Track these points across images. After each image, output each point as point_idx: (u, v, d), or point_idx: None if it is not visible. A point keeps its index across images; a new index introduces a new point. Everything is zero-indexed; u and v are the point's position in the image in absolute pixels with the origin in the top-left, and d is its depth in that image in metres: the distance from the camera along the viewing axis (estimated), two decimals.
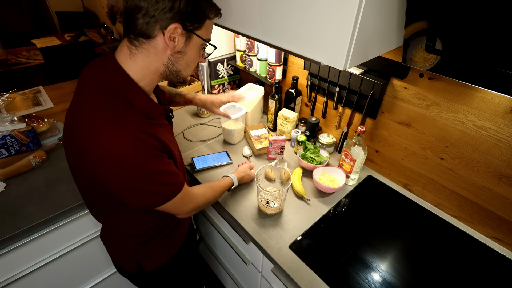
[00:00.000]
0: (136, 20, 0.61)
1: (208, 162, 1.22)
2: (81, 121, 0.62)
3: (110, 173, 0.61)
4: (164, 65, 0.68)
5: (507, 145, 0.83)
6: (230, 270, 1.34)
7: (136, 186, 0.64)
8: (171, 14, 0.61)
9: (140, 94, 0.67)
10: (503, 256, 0.91)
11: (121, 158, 0.59)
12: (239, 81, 1.72)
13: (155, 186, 0.66)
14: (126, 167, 0.60)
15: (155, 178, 0.65)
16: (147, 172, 0.63)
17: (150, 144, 0.63)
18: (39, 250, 1.03)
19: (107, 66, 0.66)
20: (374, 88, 1.04)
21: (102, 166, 0.60)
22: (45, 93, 1.67)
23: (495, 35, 0.54)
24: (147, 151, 0.62)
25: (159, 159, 0.66)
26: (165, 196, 0.70)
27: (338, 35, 0.60)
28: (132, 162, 0.60)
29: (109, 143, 0.58)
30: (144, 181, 0.64)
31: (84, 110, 0.63)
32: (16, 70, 2.67)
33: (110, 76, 0.65)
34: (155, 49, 0.65)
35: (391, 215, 1.05)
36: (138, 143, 0.60)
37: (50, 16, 3.85)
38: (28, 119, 1.21)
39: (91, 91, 0.65)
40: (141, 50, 0.65)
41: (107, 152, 0.58)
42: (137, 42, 0.64)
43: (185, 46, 0.67)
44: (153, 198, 0.68)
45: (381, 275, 0.84)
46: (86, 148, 0.60)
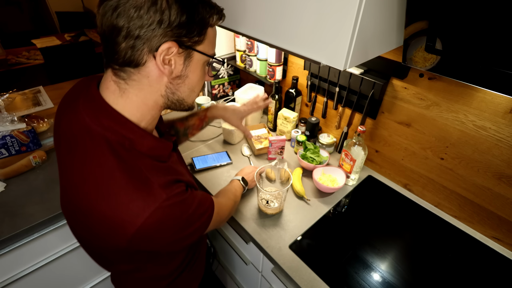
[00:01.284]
0: (117, 46, 0.47)
1: (208, 162, 1.21)
2: (95, 191, 0.49)
3: (151, 241, 0.52)
4: (163, 96, 0.55)
5: (507, 145, 0.83)
6: (230, 270, 1.34)
7: (180, 236, 0.55)
8: (160, 31, 0.47)
9: (147, 139, 0.55)
10: (503, 256, 0.91)
11: (162, 223, 0.50)
12: (239, 81, 1.73)
13: (195, 224, 0.58)
14: (169, 227, 0.52)
15: (193, 219, 0.57)
16: (186, 220, 0.55)
17: (178, 193, 0.54)
18: (39, 250, 1.03)
19: (97, 112, 0.52)
20: (374, 88, 1.04)
21: (142, 239, 0.50)
22: (45, 93, 1.66)
23: (495, 35, 0.54)
24: (180, 202, 0.53)
25: (190, 199, 0.56)
26: (205, 224, 0.61)
27: (338, 35, 0.60)
28: (172, 221, 0.52)
29: (145, 214, 0.48)
30: (186, 228, 0.55)
31: (96, 177, 0.50)
32: (16, 70, 2.67)
33: (105, 126, 0.51)
34: (148, 78, 0.51)
35: (391, 215, 1.05)
36: (171, 200, 0.51)
37: (50, 16, 3.84)
38: (28, 119, 1.21)
39: (92, 150, 0.51)
40: (131, 84, 0.51)
41: (146, 224, 0.48)
42: (124, 73, 0.50)
43: (185, 68, 0.54)
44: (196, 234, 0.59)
45: (381, 275, 0.84)
46: (115, 225, 0.49)
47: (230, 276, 1.35)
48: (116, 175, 0.49)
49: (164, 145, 0.59)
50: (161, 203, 0.49)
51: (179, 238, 0.55)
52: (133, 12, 0.45)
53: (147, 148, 0.54)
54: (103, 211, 0.49)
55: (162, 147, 0.58)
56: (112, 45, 0.48)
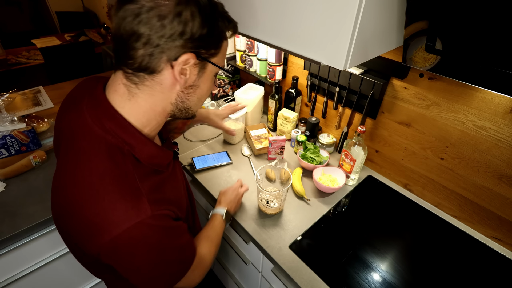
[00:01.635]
0: (134, 51, 0.47)
1: (208, 162, 1.21)
2: (82, 194, 0.48)
3: (120, 259, 0.50)
4: (172, 104, 0.55)
5: (507, 145, 0.83)
6: (230, 270, 1.34)
7: (148, 270, 0.53)
8: (181, 42, 0.47)
9: (148, 147, 0.54)
10: (503, 256, 0.91)
11: (135, 243, 0.48)
12: (239, 81, 1.73)
13: (168, 267, 0.56)
14: (140, 252, 0.50)
15: (170, 257, 0.55)
16: (162, 252, 0.53)
17: (165, 216, 0.53)
18: (39, 250, 1.03)
19: (101, 114, 0.52)
20: (374, 88, 1.04)
21: (113, 251, 0.48)
22: (45, 93, 1.66)
23: (495, 35, 0.54)
24: (164, 228, 0.52)
25: (174, 232, 0.55)
26: (177, 275, 0.59)
27: (338, 35, 0.60)
28: (146, 246, 0.50)
29: (123, 226, 0.46)
30: (158, 264, 0.53)
31: (85, 180, 0.49)
32: (16, 70, 2.67)
33: (107, 129, 0.51)
34: (161, 86, 0.51)
35: (391, 215, 1.05)
36: (156, 220, 0.50)
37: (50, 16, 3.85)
38: (28, 119, 1.21)
39: (85, 150, 0.50)
40: (143, 89, 0.51)
41: (120, 237, 0.47)
42: (137, 78, 0.50)
43: (198, 78, 0.54)
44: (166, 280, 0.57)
45: (381, 275, 0.84)
46: (93, 231, 0.48)
47: (230, 276, 1.35)
48: (106, 180, 0.48)
49: (164, 153, 0.58)
50: (144, 219, 0.48)
51: (145, 271, 0.52)
52: (155, 20, 0.45)
53: (146, 156, 0.54)
54: (85, 214, 0.48)
55: (162, 156, 0.58)
56: (128, 49, 0.47)
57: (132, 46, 0.47)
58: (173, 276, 0.58)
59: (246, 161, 1.25)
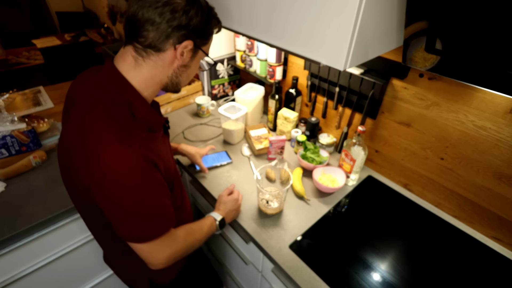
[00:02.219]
0: (147, 32, 0.59)
1: (208, 162, 1.21)
2: (85, 132, 0.58)
3: (106, 190, 0.56)
4: (168, 77, 0.67)
5: (507, 145, 0.83)
6: (230, 270, 1.34)
7: (128, 209, 0.59)
8: (185, 31, 0.61)
9: (145, 105, 0.65)
10: (503, 256, 0.91)
11: (123, 173, 0.55)
12: (239, 81, 1.73)
13: (146, 216, 0.61)
14: (125, 184, 0.56)
15: (148, 204, 0.61)
16: (142, 194, 0.59)
17: (153, 164, 0.61)
18: (39, 250, 1.03)
19: (108, 76, 0.63)
20: (374, 88, 1.04)
21: (101, 178, 0.55)
22: (45, 93, 1.66)
23: (495, 35, 0.54)
24: (150, 173, 0.60)
25: (159, 186, 0.63)
26: (152, 229, 0.64)
27: (338, 35, 0.60)
28: (131, 181, 0.57)
29: (114, 155, 0.55)
30: (137, 205, 0.59)
31: (88, 122, 0.59)
32: (16, 70, 2.67)
33: (112, 86, 0.62)
34: (163, 61, 0.64)
35: (391, 215, 1.05)
36: (143, 164, 0.58)
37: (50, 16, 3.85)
38: (28, 119, 1.21)
39: (90, 103, 0.61)
40: (148, 62, 0.63)
41: (106, 167, 0.54)
42: (145, 53, 0.62)
43: (191, 60, 0.68)
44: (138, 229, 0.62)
45: (381, 275, 0.84)
46: (89, 158, 0.56)
47: (230, 276, 1.35)
48: (106, 122, 0.58)
49: (157, 116, 0.68)
50: (133, 154, 0.56)
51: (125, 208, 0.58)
52: (169, 13, 0.58)
53: (142, 114, 0.64)
54: (86, 146, 0.57)
55: (155, 117, 0.67)
56: (141, 31, 0.59)
57: (146, 28, 0.59)
58: (148, 227, 0.63)
59: (246, 161, 1.25)
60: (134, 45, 0.62)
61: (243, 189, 1.11)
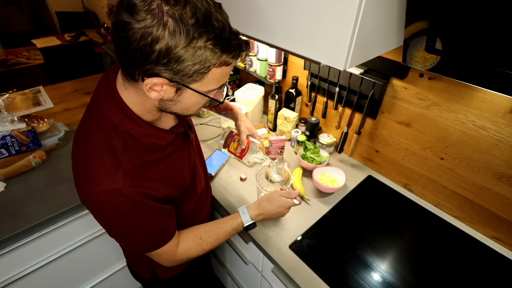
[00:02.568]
0: (119, 55, 0.49)
1: (214, 163, 1.21)
2: (80, 154, 0.59)
3: (95, 215, 0.59)
4: (158, 108, 0.57)
5: (507, 145, 0.83)
6: (230, 270, 1.34)
7: (116, 233, 0.63)
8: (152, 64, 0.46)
9: (141, 127, 0.59)
10: (503, 256, 0.91)
11: (105, 206, 0.57)
12: (239, 81, 1.73)
13: (134, 238, 0.64)
14: (109, 214, 0.58)
15: (136, 232, 0.63)
16: (129, 224, 0.60)
17: (141, 193, 0.59)
18: (39, 250, 1.03)
19: (109, 94, 0.58)
20: (374, 88, 1.04)
21: (90, 206, 0.58)
22: (45, 93, 1.66)
23: (495, 35, 0.54)
24: (135, 203, 0.58)
25: (151, 213, 0.62)
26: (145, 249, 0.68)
27: (338, 35, 0.60)
28: (115, 213, 0.58)
29: (96, 189, 0.55)
30: (126, 232, 0.63)
31: (87, 144, 0.58)
32: (16, 70, 2.67)
33: (110, 108, 0.57)
34: (143, 91, 0.52)
35: (391, 215, 1.05)
36: (125, 194, 0.56)
37: (50, 16, 3.84)
38: (28, 119, 1.21)
39: (93, 123, 0.59)
40: (131, 86, 0.54)
41: (92, 197, 0.56)
42: (125, 76, 0.53)
43: (177, 96, 0.53)
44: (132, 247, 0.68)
45: (381, 275, 0.84)
46: (79, 184, 0.58)
47: (230, 276, 1.35)
48: (97, 148, 0.57)
49: (161, 134, 0.62)
50: (115, 189, 0.55)
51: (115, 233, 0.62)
52: (139, 36, 0.44)
53: (140, 134, 0.59)
54: (78, 169, 0.58)
55: (157, 136, 0.62)
56: (118, 51, 0.49)
57: (120, 51, 0.47)
58: (142, 246, 0.67)
59: None
60: None
61: (243, 189, 1.11)
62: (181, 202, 0.76)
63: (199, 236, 0.76)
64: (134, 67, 0.48)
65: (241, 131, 0.90)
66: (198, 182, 0.82)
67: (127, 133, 0.58)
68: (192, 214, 0.84)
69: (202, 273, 1.06)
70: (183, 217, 0.80)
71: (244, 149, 0.91)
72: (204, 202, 0.90)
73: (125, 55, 0.47)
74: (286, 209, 0.81)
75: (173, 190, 0.68)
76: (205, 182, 0.90)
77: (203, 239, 0.75)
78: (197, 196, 0.82)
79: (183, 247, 0.73)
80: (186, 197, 0.77)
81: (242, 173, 1.18)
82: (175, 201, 0.73)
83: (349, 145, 1.22)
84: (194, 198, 0.81)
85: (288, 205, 0.80)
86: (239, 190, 1.11)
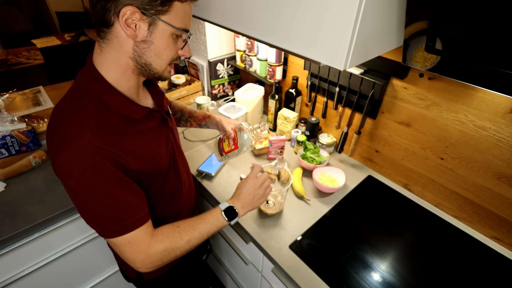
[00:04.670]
0: (93, 6, 0.55)
1: (213, 163, 1.21)
2: (54, 120, 0.60)
3: (62, 179, 0.57)
4: (131, 59, 0.59)
5: (507, 145, 0.83)
6: (230, 270, 1.34)
7: (81, 202, 0.58)
8: None
9: (115, 95, 0.61)
10: (503, 256, 0.91)
11: (69, 166, 0.54)
12: (239, 81, 1.73)
13: (100, 210, 0.58)
14: (73, 177, 0.55)
15: (101, 201, 0.57)
16: (92, 189, 0.56)
17: (108, 156, 0.56)
18: (39, 250, 1.03)
19: (85, 69, 0.63)
20: (374, 88, 1.04)
21: (58, 168, 0.56)
22: (45, 93, 1.66)
23: (495, 35, 0.54)
24: (100, 166, 0.55)
25: (114, 178, 0.58)
26: (110, 227, 0.60)
27: (338, 35, 0.60)
28: (79, 174, 0.55)
29: (61, 147, 0.54)
30: (88, 200, 0.57)
31: (59, 113, 0.60)
32: (16, 70, 2.67)
33: (85, 78, 0.61)
34: (118, 39, 0.57)
35: (391, 215, 1.05)
36: (90, 154, 0.54)
37: (50, 16, 3.84)
38: (28, 119, 1.21)
39: (69, 93, 0.62)
40: (106, 43, 0.58)
41: (59, 157, 0.54)
42: (102, 33, 0.57)
43: (150, 34, 0.57)
44: (96, 223, 0.60)
45: (381, 275, 0.84)
46: (51, 148, 0.58)
47: (230, 276, 1.35)
48: (70, 114, 0.58)
49: (134, 107, 0.63)
50: (80, 146, 0.54)
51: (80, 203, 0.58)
52: None
53: (113, 104, 0.60)
54: (51, 134, 0.59)
55: (131, 108, 0.63)
56: (92, 6, 0.55)
57: (92, 1, 0.54)
58: (106, 222, 0.59)
59: (246, 161, 1.25)
60: (96, 27, 0.58)
61: None
62: (156, 190, 0.72)
63: (176, 225, 0.69)
64: (107, 8, 0.53)
65: (224, 126, 0.95)
66: (177, 173, 0.79)
67: (100, 101, 0.59)
68: (169, 208, 0.80)
69: (192, 272, 1.01)
70: (158, 210, 0.75)
71: (234, 137, 0.92)
72: (186, 199, 0.87)
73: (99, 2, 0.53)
74: (265, 188, 0.80)
75: (144, 167, 0.64)
76: (188, 179, 0.88)
77: (182, 228, 0.68)
78: (175, 189, 0.79)
79: (158, 237, 0.65)
80: (162, 186, 0.74)
81: (242, 173, 1.18)
82: (149, 185, 0.69)
83: (349, 145, 1.22)
84: (172, 190, 0.77)
85: (262, 182, 0.80)
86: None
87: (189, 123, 1.07)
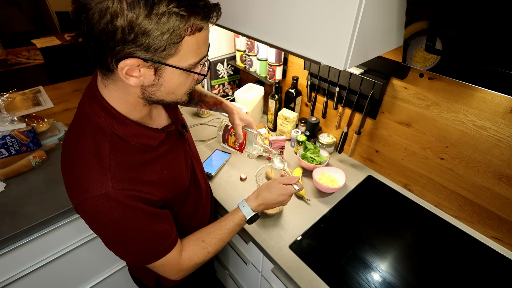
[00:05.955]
0: (87, 46, 0.47)
1: (214, 163, 1.21)
2: (68, 161, 0.56)
3: (87, 222, 0.57)
4: (142, 98, 0.54)
5: (507, 145, 0.83)
6: (230, 270, 1.34)
7: (111, 241, 0.59)
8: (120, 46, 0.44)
9: (129, 126, 0.56)
10: (503, 256, 0.91)
11: (96, 213, 0.53)
12: (239, 81, 1.73)
13: (131, 247, 0.59)
14: (101, 222, 0.55)
15: (131, 240, 0.58)
16: (122, 231, 0.56)
17: (132, 197, 0.55)
18: (39, 250, 1.03)
19: (92, 96, 0.56)
20: (374, 88, 1.04)
21: (81, 214, 0.55)
22: (45, 93, 1.66)
23: (495, 35, 0.54)
24: (126, 207, 0.55)
25: (142, 215, 0.57)
26: (144, 259, 0.62)
27: (338, 35, 0.60)
28: (107, 219, 0.54)
29: (85, 195, 0.52)
30: (119, 241, 0.58)
31: (73, 151, 0.56)
32: (16, 70, 2.67)
33: (94, 110, 0.55)
34: (123, 82, 0.50)
35: (391, 215, 1.05)
36: (115, 199, 0.53)
37: (50, 16, 3.84)
38: (28, 119, 1.21)
39: (82, 128, 0.57)
40: (110, 82, 0.52)
41: (83, 204, 0.53)
42: (102, 73, 0.51)
43: (157, 78, 0.50)
44: (130, 258, 0.62)
45: (381, 275, 0.84)
46: (70, 192, 0.56)
47: (230, 276, 1.35)
48: (84, 154, 0.54)
49: (151, 133, 0.60)
50: (104, 194, 0.52)
51: (109, 241, 0.58)
52: (97, 17, 0.42)
53: (129, 135, 0.56)
54: (67, 177, 0.56)
55: (148, 135, 0.59)
56: (85, 41, 0.47)
57: (85, 41, 0.46)
58: (140, 256, 0.61)
59: (245, 161, 1.25)
60: None
61: (243, 189, 1.11)
62: (180, 206, 0.73)
63: (201, 239, 0.71)
64: (105, 54, 0.45)
65: (236, 124, 0.88)
66: (197, 184, 0.80)
67: (115, 135, 0.55)
68: (192, 218, 0.81)
69: (206, 277, 1.05)
70: (183, 222, 0.77)
71: (242, 143, 0.90)
72: (205, 204, 0.88)
73: (92, 43, 0.44)
74: (287, 197, 0.78)
75: (169, 193, 0.64)
76: (205, 184, 0.88)
77: (207, 242, 0.71)
78: (196, 199, 0.80)
79: (186, 253, 0.68)
80: (185, 200, 0.75)
81: (242, 173, 1.18)
82: (173, 205, 0.70)
83: (349, 145, 1.22)
84: (193, 201, 0.79)
85: (288, 192, 0.78)
86: (239, 190, 1.11)
87: (199, 106, 1.01)
